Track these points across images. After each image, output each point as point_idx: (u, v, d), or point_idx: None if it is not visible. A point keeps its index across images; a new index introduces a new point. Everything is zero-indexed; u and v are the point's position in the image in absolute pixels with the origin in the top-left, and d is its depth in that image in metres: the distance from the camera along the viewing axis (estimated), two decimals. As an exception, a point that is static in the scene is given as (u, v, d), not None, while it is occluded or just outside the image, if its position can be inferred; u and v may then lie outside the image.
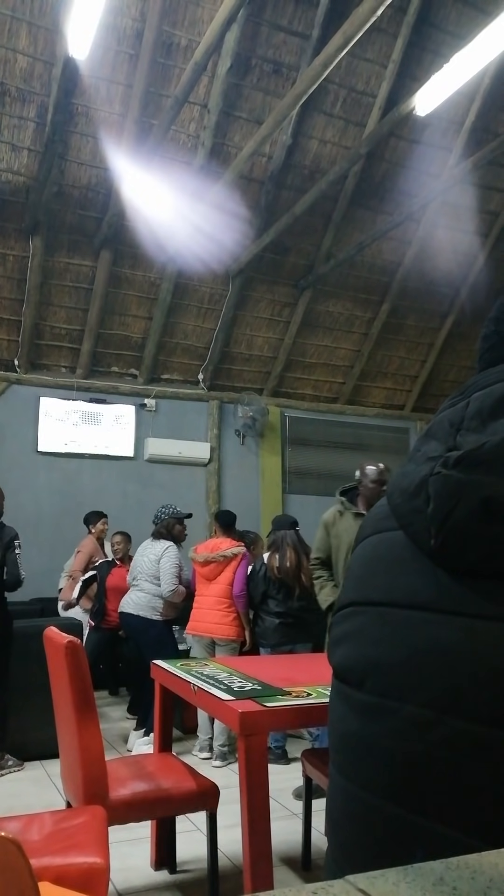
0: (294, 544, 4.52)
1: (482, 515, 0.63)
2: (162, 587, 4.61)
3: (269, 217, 7.12)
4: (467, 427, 0.70)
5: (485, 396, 0.71)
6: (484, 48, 4.54)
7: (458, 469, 0.66)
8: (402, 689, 0.66)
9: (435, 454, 0.70)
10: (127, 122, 6.26)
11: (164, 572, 4.62)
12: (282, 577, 4.45)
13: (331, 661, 0.80)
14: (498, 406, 0.69)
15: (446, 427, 0.73)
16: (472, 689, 0.61)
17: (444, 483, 0.67)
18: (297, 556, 4.46)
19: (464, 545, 0.65)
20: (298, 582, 4.42)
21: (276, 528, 4.73)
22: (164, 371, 8.05)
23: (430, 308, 8.59)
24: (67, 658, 2.30)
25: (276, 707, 2.19)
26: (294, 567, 4.44)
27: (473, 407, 0.71)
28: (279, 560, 4.48)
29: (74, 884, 1.77)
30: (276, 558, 4.51)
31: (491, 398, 0.70)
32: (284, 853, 3.06)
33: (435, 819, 0.62)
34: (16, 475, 7.27)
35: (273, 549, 4.60)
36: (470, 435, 0.69)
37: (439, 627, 0.65)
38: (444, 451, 0.70)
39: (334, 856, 0.75)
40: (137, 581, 4.75)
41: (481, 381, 0.73)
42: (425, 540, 0.68)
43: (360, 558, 0.79)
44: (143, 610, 4.64)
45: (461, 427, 0.71)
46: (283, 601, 4.47)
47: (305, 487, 8.59)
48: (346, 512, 3.89)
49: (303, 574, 4.39)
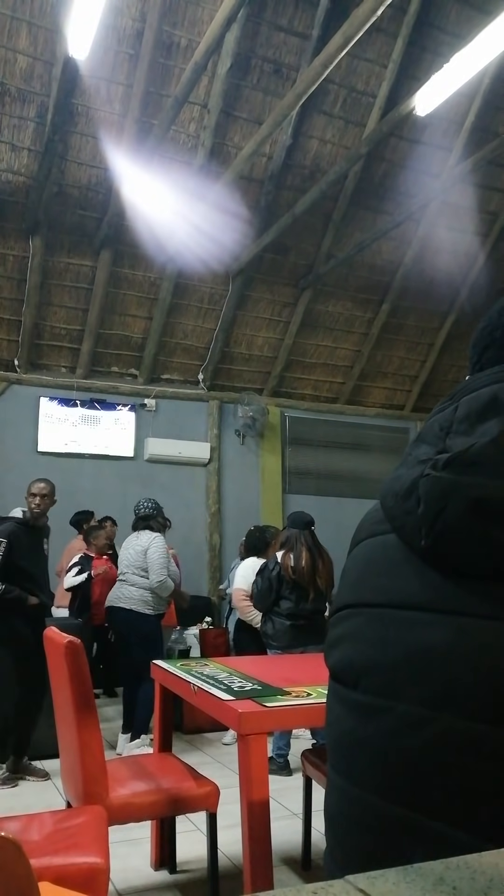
0: (309, 545, 4.37)
1: (471, 516, 0.64)
2: (151, 578, 4.51)
3: (269, 217, 7.12)
4: (456, 430, 0.72)
5: (473, 400, 0.72)
6: (484, 48, 4.54)
7: (447, 471, 0.67)
8: (396, 688, 0.67)
9: (425, 457, 0.72)
10: (127, 122, 6.26)
11: (153, 563, 4.52)
12: (296, 578, 4.28)
13: (327, 663, 0.80)
14: (486, 409, 0.70)
15: (436, 430, 0.74)
16: (465, 688, 0.62)
17: (434, 484, 0.68)
18: (311, 557, 4.32)
19: (454, 545, 0.66)
20: (313, 585, 4.28)
21: (291, 525, 4.56)
22: (164, 371, 8.05)
23: (430, 308, 8.59)
24: (67, 658, 2.30)
25: (276, 707, 2.19)
26: (309, 569, 4.29)
27: (462, 410, 0.72)
28: (294, 560, 4.31)
29: (74, 884, 1.77)
30: (290, 558, 4.33)
31: (479, 402, 0.71)
32: (284, 853, 3.06)
33: (431, 817, 0.63)
34: (16, 475, 7.26)
35: (287, 548, 4.42)
36: (459, 438, 0.70)
37: (432, 627, 0.66)
38: (435, 454, 0.71)
39: (333, 854, 0.76)
40: (125, 575, 4.64)
41: (470, 385, 0.75)
42: (416, 541, 0.69)
43: (355, 561, 0.80)
44: (134, 604, 4.53)
45: (450, 430, 0.72)
46: (296, 603, 4.30)
47: (305, 487, 8.59)
48: None
49: (318, 577, 4.27)
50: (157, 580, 4.51)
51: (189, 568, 7.01)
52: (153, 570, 4.52)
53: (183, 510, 7.47)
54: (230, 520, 8.12)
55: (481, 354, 0.81)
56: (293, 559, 4.33)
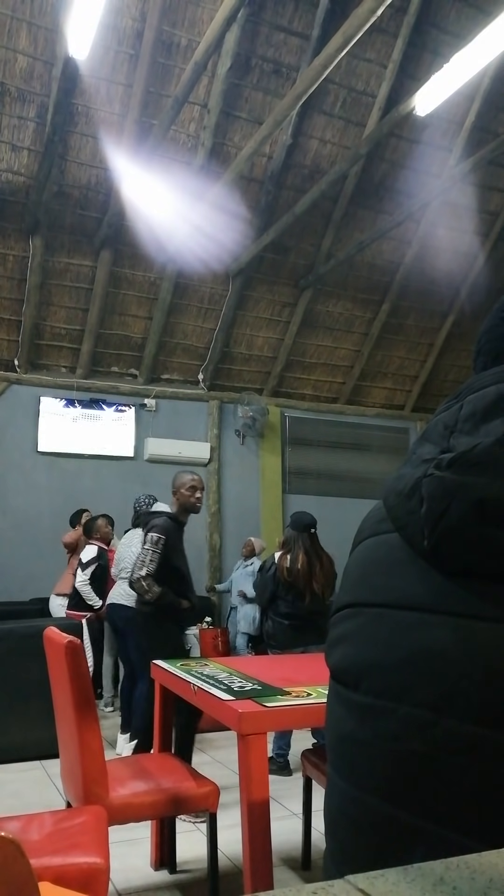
0: (306, 548, 4.34)
1: (475, 517, 0.64)
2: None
3: (269, 217, 7.13)
4: (461, 429, 0.71)
5: (478, 399, 0.72)
6: (484, 48, 4.54)
7: (450, 471, 0.67)
8: (398, 690, 0.67)
9: (429, 457, 0.71)
10: (127, 122, 6.26)
11: None
12: (291, 580, 4.29)
13: (328, 663, 0.80)
14: (491, 408, 0.70)
15: (440, 430, 0.74)
16: (468, 690, 0.62)
17: (437, 484, 0.67)
18: (308, 560, 4.30)
19: (457, 546, 0.65)
20: (309, 587, 4.27)
21: (292, 526, 4.56)
22: (164, 371, 8.05)
23: (430, 308, 8.59)
24: (67, 658, 2.30)
25: (276, 707, 2.19)
26: (305, 572, 4.27)
27: (467, 409, 0.72)
28: (290, 562, 4.32)
29: (74, 884, 1.77)
30: (286, 559, 4.35)
31: (484, 401, 0.71)
32: (284, 853, 3.06)
33: (432, 820, 0.62)
34: (16, 475, 7.27)
35: (286, 549, 4.44)
36: (463, 437, 0.70)
37: (435, 628, 0.65)
38: (438, 454, 0.70)
39: (332, 857, 0.76)
40: (125, 571, 4.62)
41: (475, 384, 0.74)
42: (419, 541, 0.68)
43: (356, 560, 0.80)
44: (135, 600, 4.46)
45: (455, 429, 0.72)
46: (293, 603, 4.31)
47: (305, 487, 8.58)
48: None
49: (314, 580, 4.26)
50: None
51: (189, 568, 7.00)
52: None
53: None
54: (230, 520, 8.13)
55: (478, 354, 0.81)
56: (289, 561, 4.34)
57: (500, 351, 0.79)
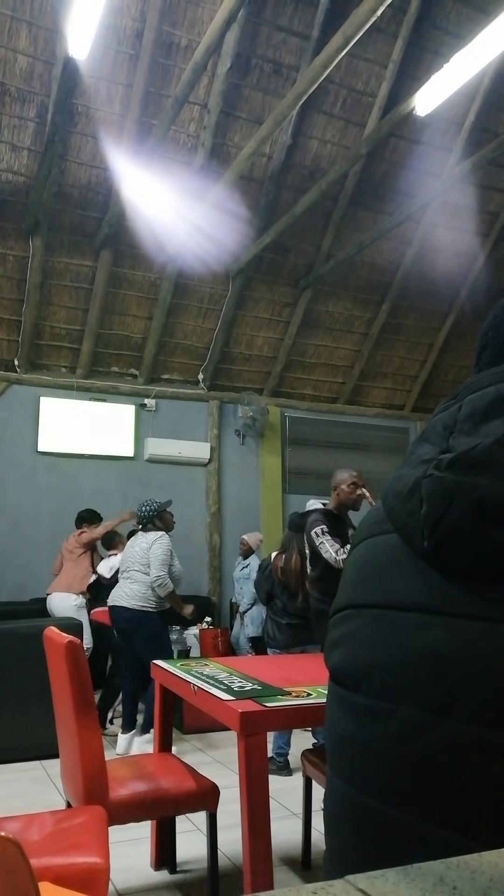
0: (301, 549, 4.37)
1: (475, 517, 0.64)
2: (151, 573, 4.51)
3: (269, 217, 7.13)
4: (460, 430, 0.71)
5: (477, 399, 0.71)
6: (484, 48, 4.54)
7: (450, 471, 0.67)
8: (397, 691, 0.66)
9: (428, 457, 0.71)
10: (127, 122, 6.26)
11: (154, 559, 4.53)
12: (284, 580, 4.39)
13: (327, 664, 0.80)
14: (490, 409, 0.69)
15: (440, 430, 0.73)
16: (467, 691, 0.61)
17: (437, 485, 0.67)
18: (301, 560, 4.34)
19: (457, 547, 0.65)
20: (301, 587, 4.32)
21: (289, 527, 4.65)
22: (164, 371, 8.05)
23: (430, 308, 8.59)
24: (67, 658, 2.30)
25: (276, 707, 2.19)
26: (297, 572, 4.34)
27: (466, 410, 0.72)
28: (283, 562, 4.42)
29: (74, 884, 1.77)
30: (281, 559, 4.45)
31: (483, 401, 0.71)
32: (284, 853, 3.06)
33: (431, 821, 0.62)
34: (16, 475, 7.27)
35: (281, 549, 4.55)
36: (462, 437, 0.70)
37: (434, 629, 0.65)
38: (438, 454, 0.70)
39: (332, 857, 0.76)
40: (129, 572, 4.64)
41: (474, 385, 0.74)
42: (419, 542, 0.68)
43: (355, 561, 0.79)
44: (136, 601, 4.53)
45: (454, 430, 0.71)
46: (287, 602, 4.40)
47: (305, 487, 8.57)
48: None
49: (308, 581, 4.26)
50: (156, 574, 4.51)
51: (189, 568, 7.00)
52: (154, 566, 4.53)
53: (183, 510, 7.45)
54: (230, 520, 8.12)
55: (479, 354, 0.81)
56: (283, 561, 4.43)
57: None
